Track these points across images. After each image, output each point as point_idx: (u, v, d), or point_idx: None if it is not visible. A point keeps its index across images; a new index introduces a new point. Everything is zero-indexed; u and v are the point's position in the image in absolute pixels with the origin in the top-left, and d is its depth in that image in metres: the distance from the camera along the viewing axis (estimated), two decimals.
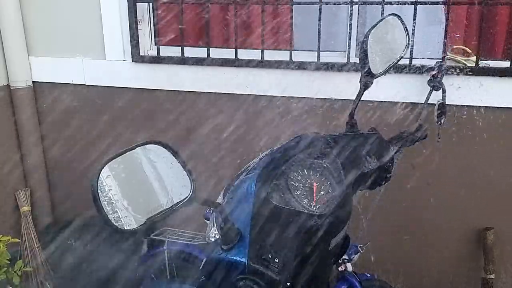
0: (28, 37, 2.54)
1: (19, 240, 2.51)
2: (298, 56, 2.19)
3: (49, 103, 2.60)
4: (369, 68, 1.26)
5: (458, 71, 2.00)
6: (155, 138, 0.84)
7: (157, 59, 2.34)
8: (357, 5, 2.11)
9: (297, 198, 1.02)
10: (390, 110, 2.09)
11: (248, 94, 2.27)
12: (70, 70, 2.50)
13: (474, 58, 2.01)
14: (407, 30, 1.38)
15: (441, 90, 1.96)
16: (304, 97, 2.20)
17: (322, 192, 1.06)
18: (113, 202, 0.76)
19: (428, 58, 2.07)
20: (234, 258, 0.88)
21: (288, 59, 2.17)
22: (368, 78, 1.27)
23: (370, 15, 2.24)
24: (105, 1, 2.36)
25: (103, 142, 2.50)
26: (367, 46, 1.24)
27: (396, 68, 1.98)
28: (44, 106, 2.62)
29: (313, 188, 1.05)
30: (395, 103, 2.09)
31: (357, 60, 2.10)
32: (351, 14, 2.08)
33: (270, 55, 2.22)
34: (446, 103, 1.95)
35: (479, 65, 1.98)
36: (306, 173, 1.08)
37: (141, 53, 2.37)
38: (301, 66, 2.15)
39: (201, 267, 0.97)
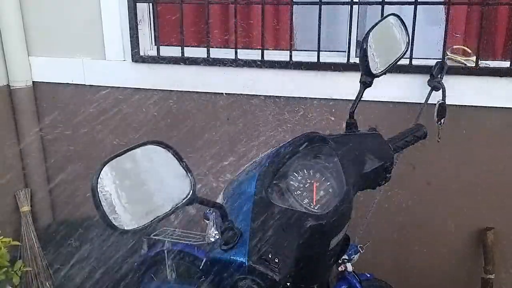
0: (28, 37, 2.54)
1: (20, 244, 2.51)
2: (298, 56, 2.19)
3: (49, 103, 2.60)
4: (369, 68, 1.26)
5: (458, 71, 2.00)
6: (155, 138, 0.84)
7: (157, 59, 2.34)
8: (357, 5, 2.11)
9: (297, 198, 1.02)
10: (390, 110, 2.09)
11: (248, 94, 2.27)
12: (70, 70, 2.50)
13: (474, 58, 2.01)
14: (407, 30, 1.38)
15: (441, 90, 1.96)
16: (304, 97, 2.20)
17: (322, 192, 1.06)
18: (113, 202, 0.76)
19: (428, 58, 2.07)
20: (234, 258, 0.88)
21: (288, 59, 2.18)
22: (368, 78, 1.27)
23: (370, 15, 2.24)
24: (105, 1, 2.36)
25: (103, 142, 2.50)
26: (367, 46, 1.24)
27: (396, 68, 1.98)
28: (44, 106, 2.62)
29: (313, 188, 1.05)
30: (395, 103, 2.09)
31: (357, 60, 2.11)
32: (351, 14, 2.08)
33: (270, 55, 2.22)
34: (446, 103, 1.95)
35: (479, 65, 1.98)
36: (306, 173, 1.08)
37: (141, 53, 2.38)
38: (301, 66, 2.15)
39: (201, 267, 0.97)
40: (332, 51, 2.26)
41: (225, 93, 2.30)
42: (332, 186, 1.07)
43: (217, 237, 0.97)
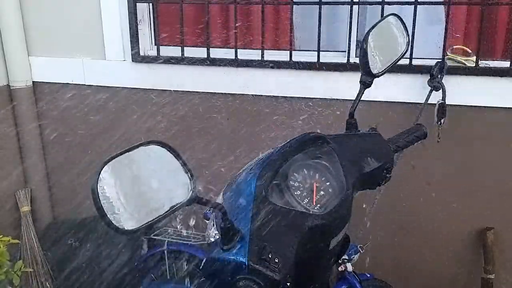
0: (28, 37, 2.54)
1: (19, 242, 2.51)
2: (298, 56, 2.19)
3: (49, 103, 2.60)
4: (369, 68, 1.26)
5: (458, 71, 2.00)
6: (155, 138, 0.84)
7: (157, 59, 2.34)
8: (357, 5, 2.11)
9: (297, 198, 1.02)
10: (390, 110, 2.09)
11: (248, 94, 2.27)
12: (70, 70, 2.50)
13: (474, 58, 2.02)
14: (407, 30, 1.38)
15: (441, 90, 1.96)
16: (304, 97, 2.20)
17: (322, 192, 1.06)
18: (113, 202, 0.76)
19: (428, 58, 2.07)
20: (234, 258, 0.88)
21: (288, 59, 2.18)
22: (368, 78, 1.27)
23: (370, 15, 2.24)
24: (105, 1, 2.36)
25: (103, 142, 2.50)
26: (367, 46, 1.24)
27: (396, 68, 1.98)
28: (44, 106, 2.62)
29: (313, 188, 1.05)
30: (395, 103, 2.09)
31: (357, 60, 2.11)
32: (351, 14, 2.08)
33: (270, 55, 2.22)
34: (446, 103, 1.95)
35: (479, 65, 1.98)
36: (306, 173, 1.08)
37: (141, 53, 2.38)
38: (301, 66, 2.15)
39: (201, 267, 0.97)
40: (332, 51, 2.26)
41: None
42: (332, 186, 1.07)
43: (217, 237, 0.97)
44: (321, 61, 2.14)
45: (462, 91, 2.01)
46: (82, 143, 2.58)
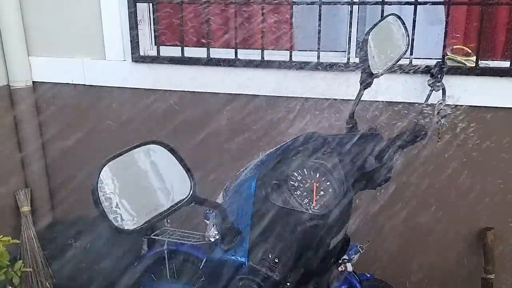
0: (28, 37, 2.54)
1: (19, 242, 2.51)
2: (298, 56, 2.20)
3: (49, 103, 2.60)
4: (369, 68, 1.26)
5: (458, 71, 2.00)
6: (155, 138, 0.84)
7: (157, 59, 2.34)
8: (357, 5, 2.11)
9: (297, 198, 1.02)
10: (390, 110, 2.09)
11: (248, 94, 2.27)
12: (70, 70, 2.50)
13: (474, 58, 2.02)
14: (407, 30, 1.38)
15: (441, 90, 1.96)
16: (304, 97, 2.20)
17: (322, 192, 1.06)
18: (113, 202, 0.76)
19: (428, 58, 2.07)
20: (234, 258, 0.88)
21: (288, 59, 2.18)
22: (368, 78, 1.27)
23: (370, 15, 2.24)
24: (105, 1, 2.36)
25: (103, 142, 2.50)
26: (367, 46, 1.24)
27: (396, 68, 1.98)
28: (44, 106, 2.62)
29: (313, 188, 1.05)
30: (395, 103, 2.09)
31: (357, 60, 2.11)
32: (351, 14, 2.08)
33: (270, 55, 2.22)
34: (446, 103, 1.95)
35: (479, 65, 1.98)
36: (306, 173, 1.08)
37: (141, 53, 2.38)
38: (301, 66, 2.15)
39: (201, 267, 0.97)
40: (332, 51, 2.26)
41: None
42: (332, 186, 1.07)
43: (217, 237, 0.97)
44: (321, 61, 2.14)
45: (462, 91, 2.01)
46: (82, 143, 2.58)
